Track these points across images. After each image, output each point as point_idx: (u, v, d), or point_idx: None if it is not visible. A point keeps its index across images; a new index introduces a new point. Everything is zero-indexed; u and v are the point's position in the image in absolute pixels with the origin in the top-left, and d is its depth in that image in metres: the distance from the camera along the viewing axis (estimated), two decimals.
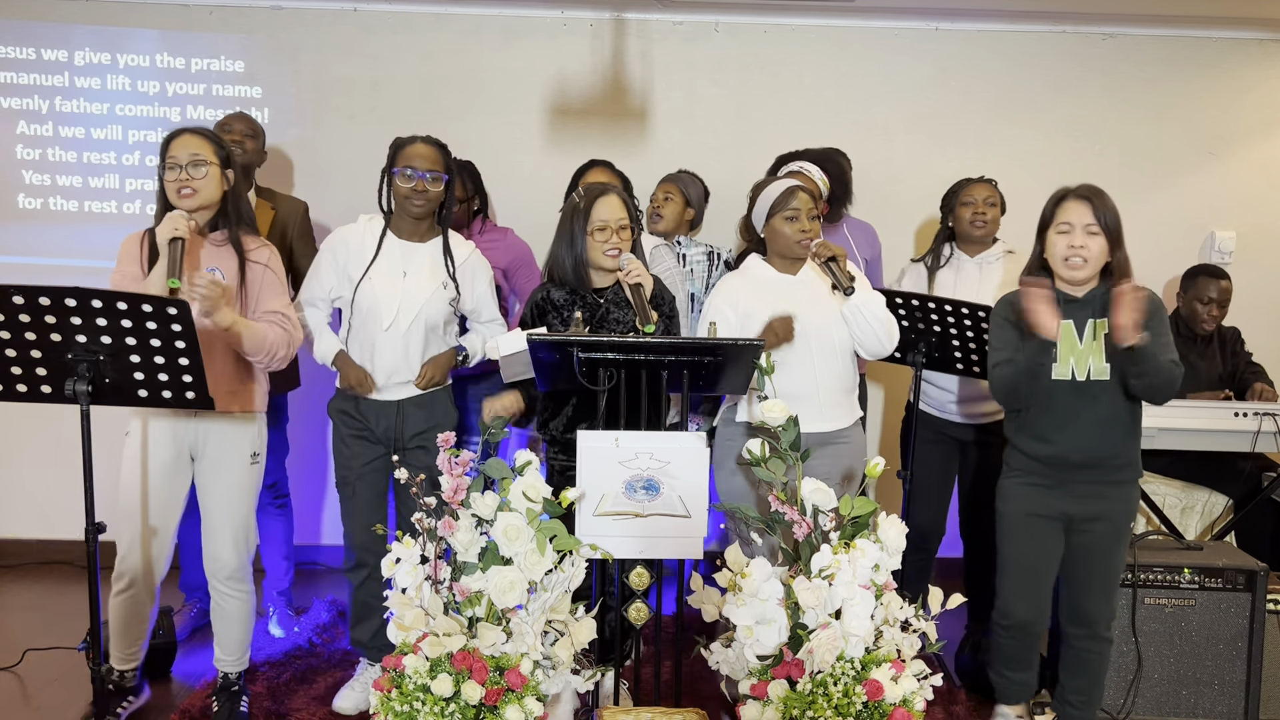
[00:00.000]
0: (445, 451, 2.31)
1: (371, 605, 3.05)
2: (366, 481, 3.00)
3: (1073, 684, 2.86)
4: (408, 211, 2.92)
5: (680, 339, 2.64)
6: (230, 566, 2.85)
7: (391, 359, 2.92)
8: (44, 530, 4.39)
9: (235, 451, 2.81)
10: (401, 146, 2.91)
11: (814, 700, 2.21)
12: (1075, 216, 2.64)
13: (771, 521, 2.42)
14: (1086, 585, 2.77)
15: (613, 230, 2.80)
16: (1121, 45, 4.33)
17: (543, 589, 2.27)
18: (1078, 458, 2.69)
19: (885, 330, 2.86)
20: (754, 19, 4.29)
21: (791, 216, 2.84)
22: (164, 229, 2.58)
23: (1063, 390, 2.68)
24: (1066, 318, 2.67)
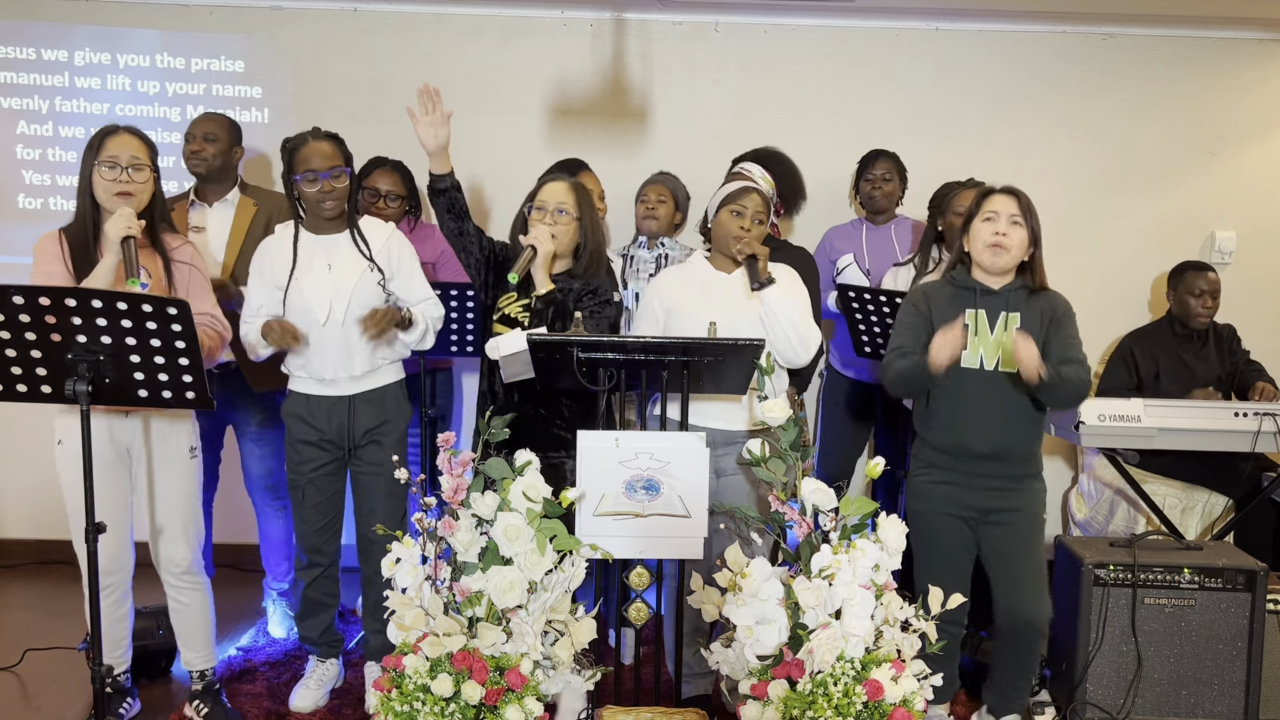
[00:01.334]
0: (445, 451, 2.31)
1: (320, 602, 3.09)
2: (315, 486, 2.99)
3: (1009, 678, 2.87)
4: (321, 214, 2.91)
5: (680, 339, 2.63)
6: (183, 562, 2.84)
7: (335, 353, 2.90)
8: (44, 530, 4.39)
9: (174, 447, 2.80)
10: (296, 149, 2.87)
11: (814, 700, 2.21)
12: (1001, 206, 2.73)
13: (771, 521, 2.42)
14: (1016, 584, 2.76)
15: (548, 211, 2.86)
16: (1121, 45, 4.33)
17: (543, 589, 2.27)
18: (982, 448, 2.74)
19: (799, 336, 2.79)
20: (754, 19, 4.29)
21: (738, 211, 2.83)
22: (115, 227, 2.56)
23: (970, 379, 2.74)
24: (981, 308, 2.75)
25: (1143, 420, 3.31)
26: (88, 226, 2.69)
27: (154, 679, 3.25)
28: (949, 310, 2.76)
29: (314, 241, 2.94)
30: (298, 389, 2.98)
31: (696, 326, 2.76)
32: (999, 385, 2.73)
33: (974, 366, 2.74)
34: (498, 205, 4.00)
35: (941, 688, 2.52)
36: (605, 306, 2.90)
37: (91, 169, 2.67)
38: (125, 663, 2.96)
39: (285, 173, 2.92)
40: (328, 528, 3.03)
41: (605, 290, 2.92)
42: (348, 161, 2.93)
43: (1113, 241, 4.40)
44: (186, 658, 2.95)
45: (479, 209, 4.24)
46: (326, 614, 3.11)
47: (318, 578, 3.06)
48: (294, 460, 3.00)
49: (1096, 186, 4.40)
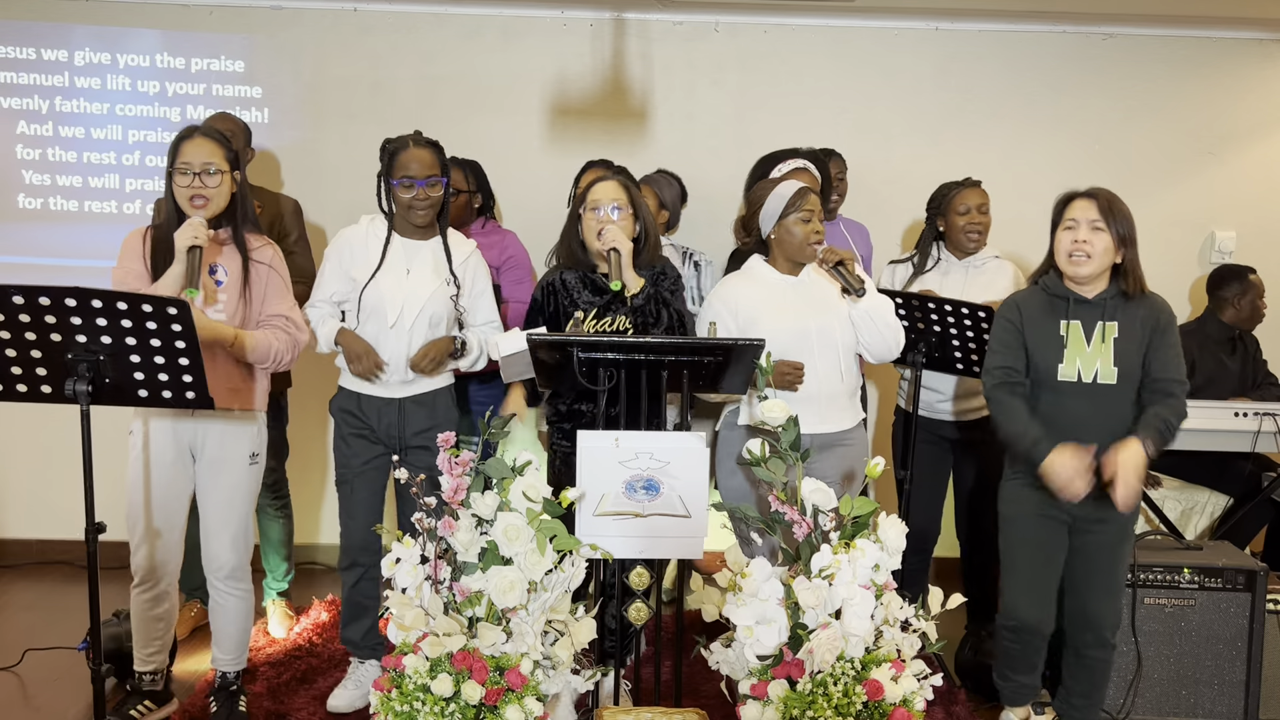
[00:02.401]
0: (445, 451, 2.31)
1: (364, 605, 3.07)
2: (365, 480, 3.00)
3: (1077, 688, 2.86)
4: (412, 221, 2.93)
5: (680, 339, 2.64)
6: (229, 566, 2.85)
7: (396, 355, 2.92)
8: (44, 530, 4.39)
9: (234, 451, 2.81)
10: (396, 153, 2.89)
11: (814, 700, 2.21)
12: (1081, 213, 2.65)
13: (771, 521, 2.42)
14: (1090, 588, 2.76)
15: (604, 210, 2.86)
16: (1121, 45, 4.33)
17: (543, 589, 2.27)
18: None
19: (894, 335, 2.87)
20: (754, 19, 4.29)
21: (806, 218, 2.83)
22: (184, 235, 2.58)
23: (1068, 392, 2.67)
24: (1074, 318, 2.68)
25: None
26: (169, 229, 2.68)
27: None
28: (1043, 321, 2.69)
29: (399, 244, 2.95)
30: (349, 387, 3.00)
31: (782, 335, 2.79)
32: (1099, 397, 2.65)
33: (1071, 379, 2.66)
34: (497, 205, 4.00)
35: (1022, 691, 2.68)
36: (677, 283, 2.98)
37: (171, 173, 2.68)
38: (154, 662, 2.93)
39: (383, 174, 2.93)
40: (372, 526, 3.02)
41: (671, 269, 2.98)
42: (445, 172, 2.94)
43: None
44: (216, 656, 2.96)
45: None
46: (368, 617, 3.08)
47: (360, 579, 3.05)
48: (343, 455, 3.01)
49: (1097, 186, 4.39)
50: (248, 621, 2.96)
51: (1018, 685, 2.89)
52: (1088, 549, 2.75)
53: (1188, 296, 4.42)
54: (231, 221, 2.77)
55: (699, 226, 4.31)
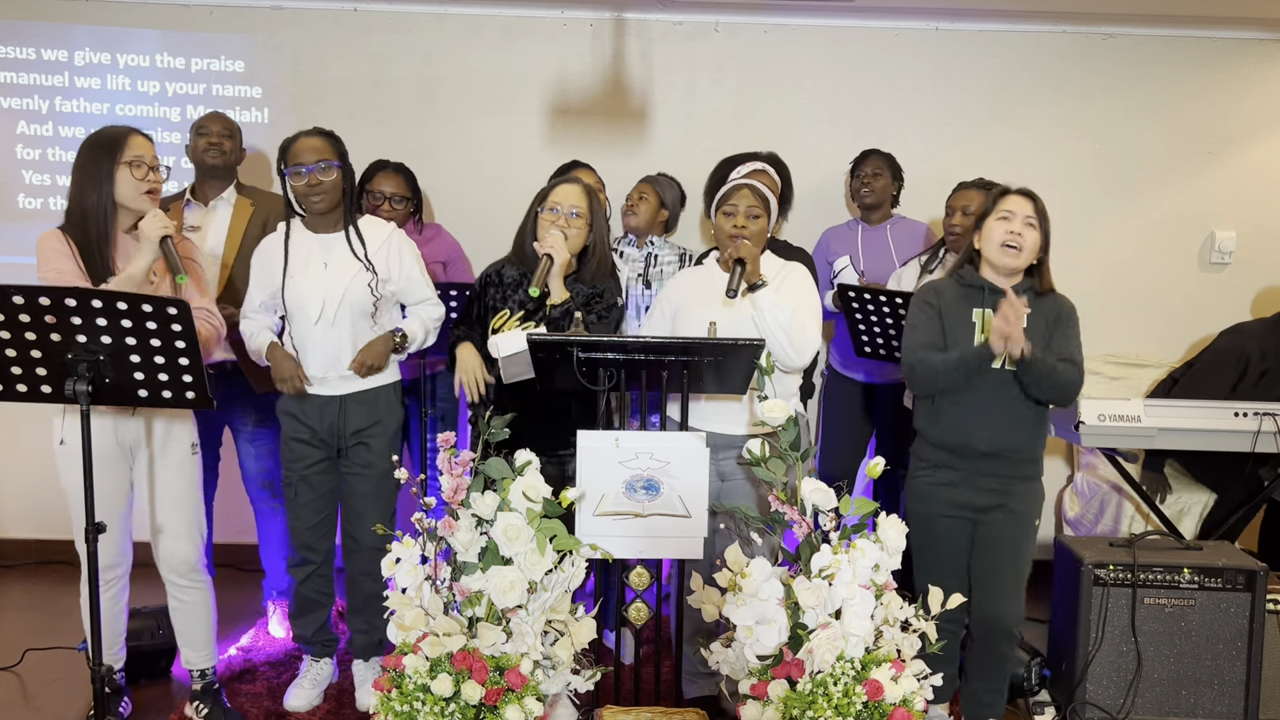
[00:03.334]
0: (445, 451, 2.31)
1: (314, 601, 3.09)
2: (308, 484, 3.00)
3: (982, 684, 2.86)
4: (310, 208, 2.92)
5: (680, 339, 2.63)
6: (187, 559, 2.84)
7: (325, 352, 2.91)
8: (44, 530, 4.39)
9: (176, 445, 2.80)
10: (287, 146, 2.91)
11: (814, 700, 2.21)
12: (1017, 207, 2.73)
13: (771, 521, 2.42)
14: (993, 582, 2.76)
15: (562, 213, 2.85)
16: (1121, 45, 4.33)
17: (543, 589, 2.27)
18: (985, 447, 2.73)
19: (788, 339, 2.76)
20: (754, 19, 4.29)
21: (729, 212, 2.84)
22: (153, 227, 2.58)
23: (976, 378, 2.74)
24: (989, 307, 2.74)
25: (1143, 420, 3.31)
26: (102, 227, 2.66)
27: (154, 679, 3.25)
28: (958, 308, 2.76)
29: (310, 240, 2.94)
30: None
31: (698, 326, 2.76)
32: (1005, 385, 2.72)
33: None
34: (497, 205, 3.99)
35: (941, 687, 2.51)
36: (611, 310, 2.91)
37: (112, 169, 2.64)
38: (119, 660, 2.96)
39: (278, 168, 2.95)
40: (320, 525, 3.03)
41: (611, 294, 2.93)
42: (340, 158, 2.92)
43: (1112, 241, 4.40)
44: (187, 656, 2.95)
45: (478, 209, 4.23)
46: (320, 612, 3.12)
47: (310, 575, 3.07)
48: (288, 458, 3.01)
49: (1096, 186, 4.40)
50: (211, 614, 2.94)
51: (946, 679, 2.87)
52: (989, 542, 2.77)
53: (1187, 296, 4.42)
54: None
55: (698, 227, 4.32)
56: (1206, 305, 4.31)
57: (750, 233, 2.81)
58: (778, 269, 2.91)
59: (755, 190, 2.86)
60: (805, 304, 2.84)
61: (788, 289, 2.84)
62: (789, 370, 2.85)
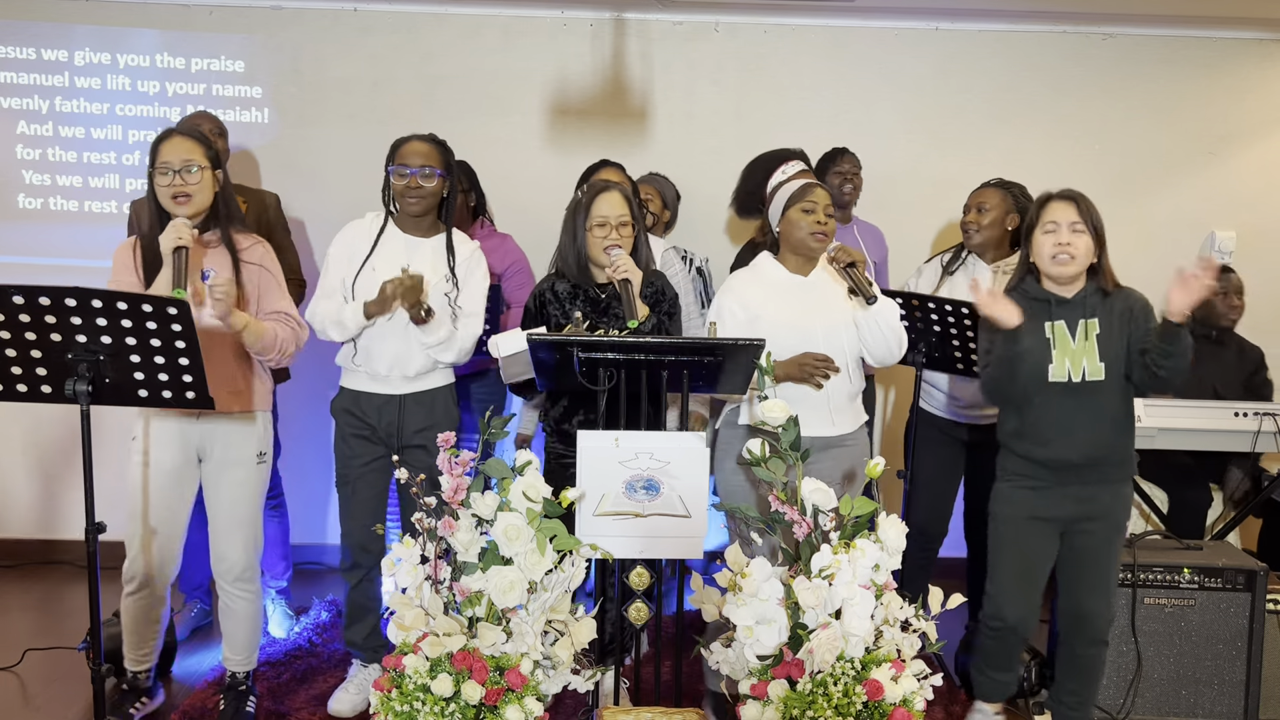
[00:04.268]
0: (445, 451, 2.31)
1: (366, 606, 3.07)
2: (366, 481, 3.00)
3: (1069, 686, 2.87)
4: (405, 209, 2.94)
5: (680, 339, 2.63)
6: (239, 567, 2.85)
7: (394, 351, 2.92)
8: (44, 530, 4.39)
9: (241, 452, 2.81)
10: (398, 145, 2.93)
11: (814, 700, 2.21)
12: (1061, 215, 2.68)
13: (771, 521, 2.42)
14: (1083, 586, 2.77)
15: (612, 226, 2.84)
16: (1121, 45, 4.33)
17: (543, 589, 2.27)
18: (1076, 458, 2.69)
19: (897, 339, 2.84)
20: (754, 19, 4.29)
21: (809, 209, 2.81)
22: (168, 238, 2.58)
23: (1058, 392, 2.69)
24: (1057, 319, 2.70)
25: (1143, 420, 3.31)
26: (153, 234, 2.68)
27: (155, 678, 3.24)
28: (1028, 326, 2.68)
29: (398, 238, 2.95)
30: (349, 385, 3.00)
31: (786, 334, 2.77)
32: (1088, 396, 2.68)
33: (1061, 380, 2.69)
34: (497, 205, 3.99)
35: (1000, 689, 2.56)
36: (675, 305, 2.97)
37: (151, 175, 2.67)
38: (147, 663, 2.96)
39: (386, 166, 2.94)
40: None
41: (669, 291, 2.97)
42: (446, 168, 2.94)
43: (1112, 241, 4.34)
44: (226, 655, 2.97)
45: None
46: (371, 618, 3.09)
47: (361, 580, 3.04)
48: (344, 455, 3.01)
49: (1096, 186, 4.34)
50: (258, 622, 2.96)
51: (993, 681, 2.92)
52: (1079, 549, 2.76)
53: None
54: (217, 222, 2.76)
55: (698, 227, 4.31)
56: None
57: (830, 230, 2.82)
58: None
59: (827, 190, 2.88)
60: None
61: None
62: (883, 366, 2.93)
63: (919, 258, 3.81)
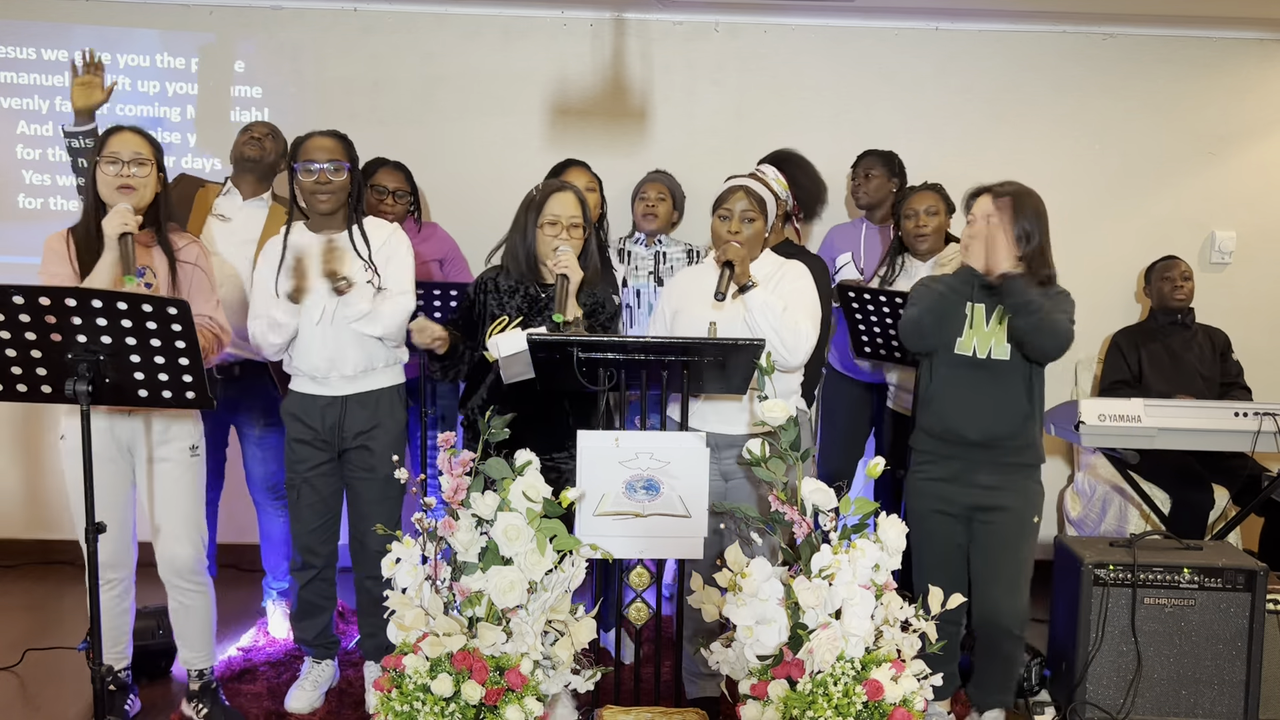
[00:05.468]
0: (445, 451, 2.31)
1: (316, 604, 3.09)
2: (311, 485, 2.99)
3: (987, 682, 2.89)
4: (314, 207, 2.89)
5: (680, 339, 2.63)
6: (188, 561, 2.83)
7: (327, 352, 2.89)
8: (44, 530, 4.39)
9: (174, 446, 2.79)
10: (301, 142, 2.90)
11: (814, 700, 2.21)
12: (977, 209, 2.79)
13: (771, 521, 2.42)
14: (991, 580, 2.79)
15: (563, 226, 2.84)
16: (1121, 45, 4.33)
17: (543, 589, 2.27)
18: (974, 435, 2.77)
19: (779, 339, 2.72)
20: (754, 19, 4.29)
21: (724, 215, 2.84)
22: (112, 223, 2.58)
23: (963, 365, 2.80)
24: (979, 302, 2.80)
25: (1143, 420, 3.30)
26: (92, 225, 2.69)
27: (154, 679, 3.25)
28: (951, 298, 2.81)
29: (312, 240, 2.93)
30: (296, 388, 2.99)
31: (697, 327, 2.76)
32: (991, 372, 2.78)
33: (966, 354, 2.79)
34: (497, 205, 3.97)
35: (942, 686, 2.51)
36: (613, 320, 2.95)
37: (94, 168, 2.68)
38: (125, 659, 2.97)
39: (288, 164, 2.93)
40: (323, 529, 3.03)
41: (611, 304, 2.96)
42: (351, 161, 2.92)
43: (1113, 241, 4.40)
44: (185, 656, 2.95)
45: (478, 209, 4.22)
46: (322, 616, 3.11)
47: (313, 579, 3.06)
48: (291, 459, 3.00)
49: (1096, 186, 4.40)
50: (211, 616, 2.94)
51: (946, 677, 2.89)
52: (985, 542, 2.80)
53: None
54: (155, 222, 2.75)
55: (698, 227, 4.31)
56: (1207, 305, 4.30)
57: (744, 237, 2.80)
58: (774, 267, 2.91)
59: (750, 192, 2.84)
60: (800, 302, 2.83)
61: (783, 288, 2.84)
62: (785, 369, 2.83)
63: None
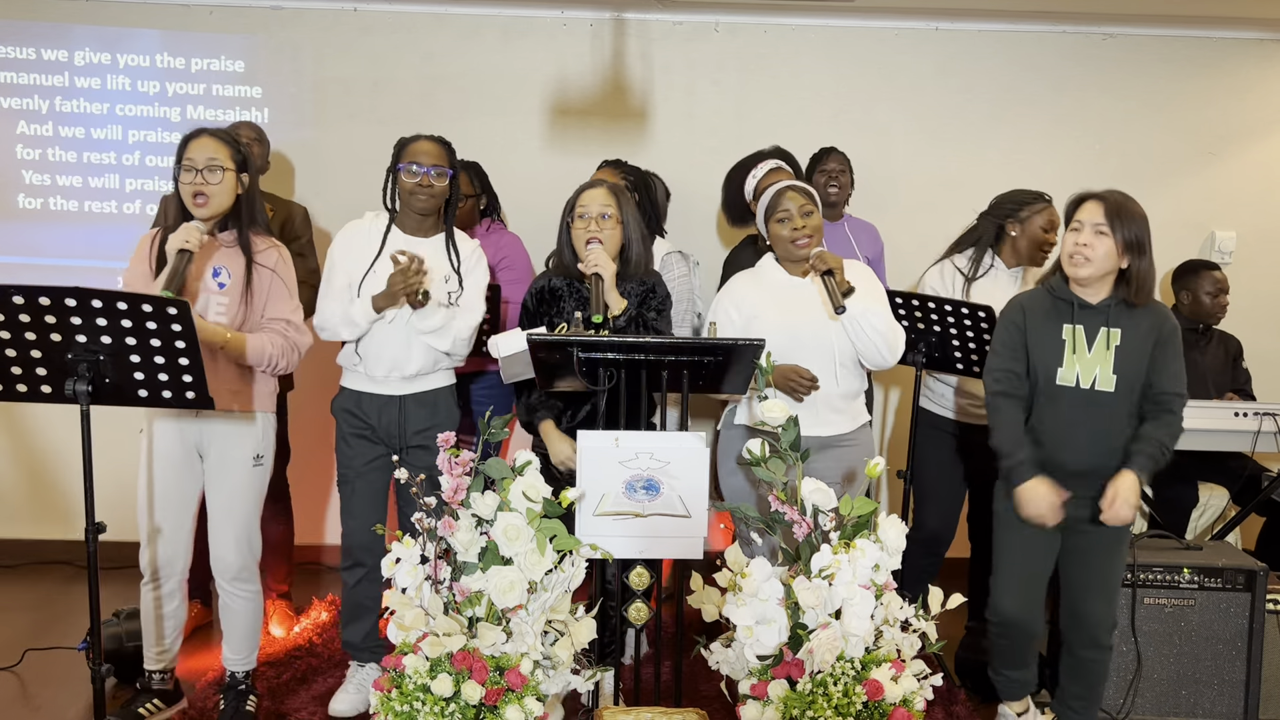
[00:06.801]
0: (445, 451, 2.31)
1: (365, 606, 3.06)
2: (366, 480, 3.00)
3: (1073, 689, 2.86)
4: (412, 207, 2.93)
5: (680, 339, 2.63)
6: (234, 567, 2.85)
7: (394, 353, 2.92)
8: (44, 530, 4.39)
9: (238, 452, 2.81)
10: (407, 144, 2.93)
11: (814, 700, 2.21)
12: (1087, 215, 2.63)
13: (771, 521, 2.42)
14: (1085, 590, 2.76)
15: (591, 218, 2.85)
16: (1121, 45, 4.33)
17: (543, 589, 2.27)
18: (1075, 466, 2.67)
19: (886, 342, 2.82)
20: (754, 19, 4.29)
21: (783, 219, 2.85)
22: (176, 238, 2.59)
23: (1066, 397, 2.66)
24: (1078, 323, 2.66)
25: None
26: (173, 228, 2.69)
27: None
28: (1046, 324, 2.68)
29: (401, 240, 2.95)
30: (349, 385, 3.00)
31: (780, 335, 2.79)
32: (1096, 404, 2.64)
33: (1070, 384, 2.66)
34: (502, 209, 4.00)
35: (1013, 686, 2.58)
36: (665, 303, 2.95)
37: (178, 175, 2.70)
38: (160, 662, 2.94)
39: (390, 167, 2.94)
40: None
41: (661, 287, 2.96)
42: (454, 169, 2.95)
43: None
44: (226, 654, 2.97)
45: None
46: (370, 618, 3.07)
47: (362, 580, 3.03)
48: (345, 455, 3.01)
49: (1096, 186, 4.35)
50: (256, 622, 2.96)
51: (1010, 680, 2.90)
52: (1082, 551, 2.75)
53: None
54: (238, 223, 2.76)
55: (699, 226, 4.32)
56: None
57: (809, 230, 2.83)
58: None
59: (800, 189, 2.87)
60: (885, 301, 2.89)
61: (864, 288, 2.85)
62: (879, 368, 2.92)
63: (920, 257, 3.80)
